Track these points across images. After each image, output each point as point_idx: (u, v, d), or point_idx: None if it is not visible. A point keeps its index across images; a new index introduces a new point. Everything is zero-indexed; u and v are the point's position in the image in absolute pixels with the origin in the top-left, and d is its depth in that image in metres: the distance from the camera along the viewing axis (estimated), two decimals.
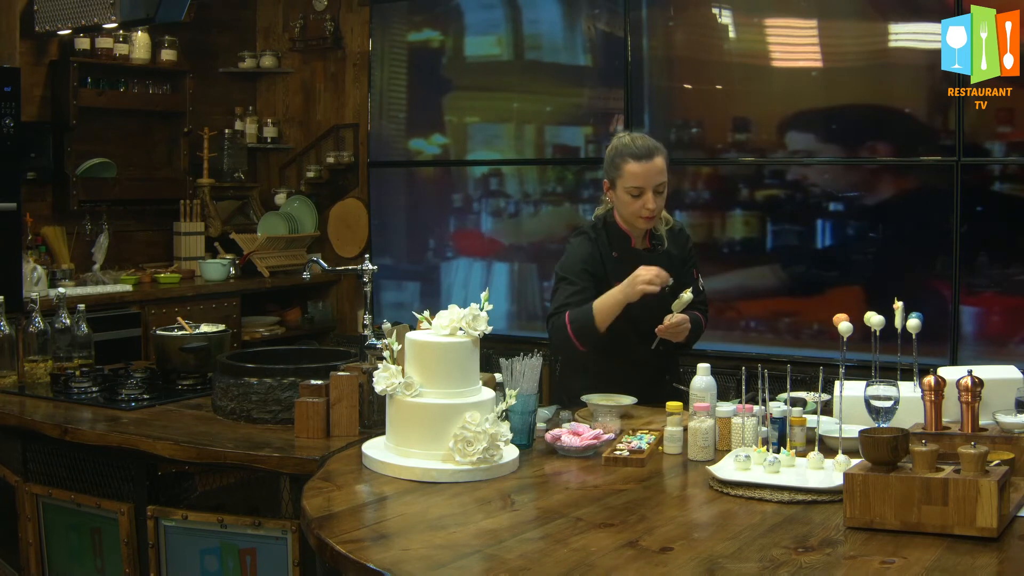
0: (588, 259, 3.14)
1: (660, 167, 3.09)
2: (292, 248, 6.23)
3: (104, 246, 5.56)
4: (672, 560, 1.81)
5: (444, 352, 2.39)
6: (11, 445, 3.06)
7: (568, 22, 5.47)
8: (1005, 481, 1.90)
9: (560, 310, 3.07)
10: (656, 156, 3.09)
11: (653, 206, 3.09)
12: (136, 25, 5.32)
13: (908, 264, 4.69)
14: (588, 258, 3.15)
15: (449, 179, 5.89)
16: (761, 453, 2.29)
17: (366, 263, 3.18)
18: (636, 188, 3.08)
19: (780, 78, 4.94)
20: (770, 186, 4.98)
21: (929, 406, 2.27)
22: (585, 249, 3.17)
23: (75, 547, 2.95)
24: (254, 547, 2.62)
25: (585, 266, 3.13)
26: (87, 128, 5.51)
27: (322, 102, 6.42)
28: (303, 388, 2.72)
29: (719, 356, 4.58)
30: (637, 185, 3.07)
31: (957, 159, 4.53)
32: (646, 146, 3.10)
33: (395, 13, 5.99)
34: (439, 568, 1.79)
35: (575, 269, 3.13)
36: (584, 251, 3.16)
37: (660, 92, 5.23)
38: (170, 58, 5.81)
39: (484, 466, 2.32)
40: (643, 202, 3.08)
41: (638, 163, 3.07)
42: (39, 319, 3.37)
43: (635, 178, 3.07)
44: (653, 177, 3.08)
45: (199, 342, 3.30)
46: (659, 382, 3.18)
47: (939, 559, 1.78)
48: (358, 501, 2.20)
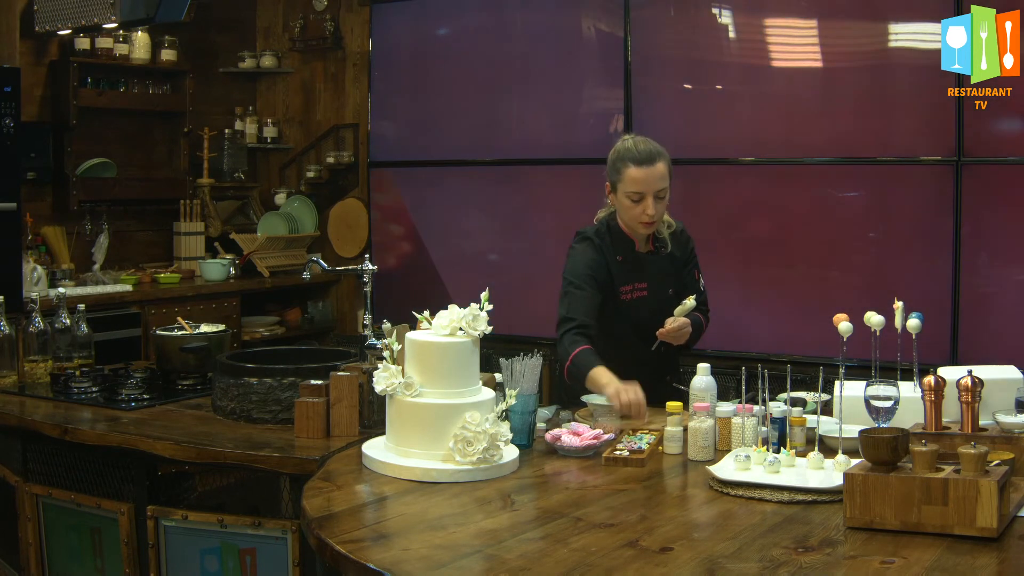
0: (593, 264, 3.14)
1: (661, 173, 3.08)
2: (292, 248, 6.23)
3: (104, 246, 5.56)
4: (672, 560, 1.81)
5: (444, 352, 2.39)
6: (11, 445, 3.06)
7: (568, 22, 5.47)
8: (1005, 481, 1.90)
9: (570, 318, 3.05)
10: (658, 161, 3.08)
11: (653, 211, 3.08)
12: (136, 25, 5.32)
13: (908, 264, 4.69)
14: (593, 264, 3.14)
15: (449, 179, 5.89)
16: (761, 453, 2.29)
17: (366, 263, 3.18)
18: (636, 193, 3.07)
19: (780, 78, 4.94)
20: (770, 186, 4.97)
21: (929, 406, 2.27)
22: (590, 255, 3.16)
23: (75, 547, 2.95)
24: (254, 547, 2.62)
25: (591, 271, 3.12)
26: (87, 128, 5.51)
27: (322, 102, 6.43)
28: (303, 388, 2.72)
29: (719, 356, 4.59)
30: (637, 190, 3.06)
31: (957, 159, 4.53)
32: (648, 151, 3.08)
33: (395, 13, 5.99)
34: (439, 568, 1.79)
35: (582, 275, 3.12)
36: (588, 257, 3.16)
37: (660, 92, 5.23)
38: (170, 58, 5.81)
39: (484, 466, 2.32)
40: (643, 207, 3.08)
41: (639, 168, 3.06)
42: (39, 319, 3.37)
43: (635, 183, 3.06)
44: (654, 183, 3.06)
45: (199, 342, 3.30)
46: (659, 382, 3.18)
47: (939, 559, 1.78)
48: (358, 501, 2.20)
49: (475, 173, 5.80)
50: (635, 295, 3.18)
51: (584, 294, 3.08)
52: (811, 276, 4.91)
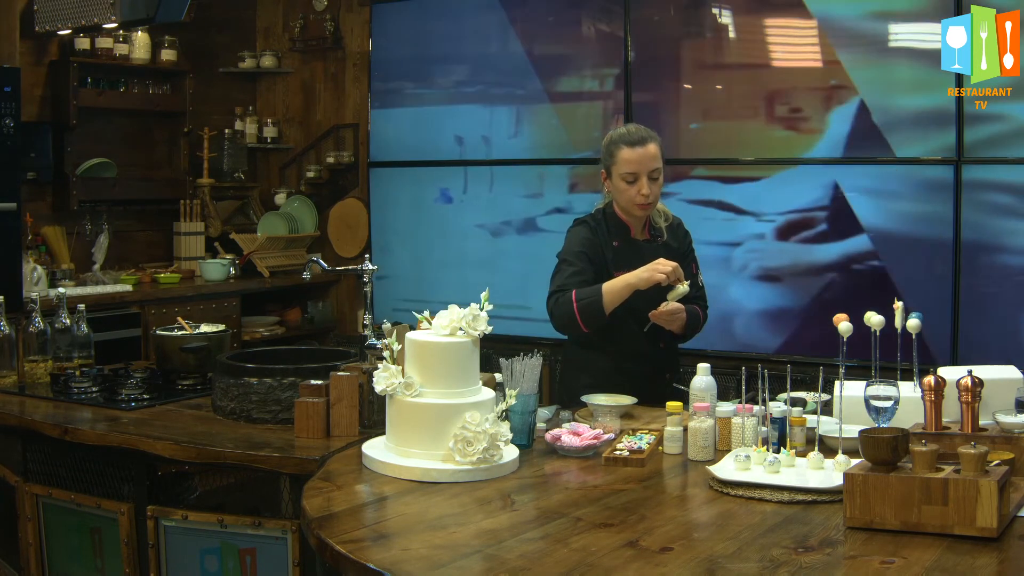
0: (587, 243, 3.18)
1: (654, 153, 3.13)
2: (292, 248, 6.23)
3: (104, 246, 5.56)
4: (672, 560, 1.81)
5: (444, 352, 2.39)
6: (11, 445, 3.06)
7: (568, 22, 5.47)
8: (1005, 481, 1.90)
9: (562, 288, 3.08)
10: (650, 143, 3.14)
11: (648, 191, 3.12)
12: (136, 25, 5.31)
13: (908, 264, 4.69)
14: (587, 243, 3.18)
15: (449, 179, 5.88)
16: (761, 453, 2.29)
17: (366, 263, 3.18)
18: (630, 174, 3.11)
19: (780, 78, 4.94)
20: (770, 186, 4.97)
21: (929, 406, 2.27)
22: (584, 235, 3.21)
23: (75, 547, 2.95)
24: (254, 547, 2.62)
25: (584, 249, 3.16)
26: (87, 128, 5.50)
27: (322, 102, 6.43)
28: (303, 388, 2.72)
29: (719, 356, 4.59)
30: (631, 171, 3.11)
31: (957, 159, 4.54)
32: (639, 133, 3.16)
33: (395, 13, 5.99)
34: (439, 568, 1.79)
35: (574, 251, 3.17)
36: (583, 236, 3.20)
37: (660, 92, 5.23)
38: (170, 58, 5.81)
39: (484, 466, 2.32)
40: (638, 188, 3.12)
41: (631, 149, 3.11)
42: (39, 319, 3.37)
43: (629, 164, 3.11)
44: (647, 163, 3.11)
45: (199, 342, 3.30)
46: (659, 382, 3.19)
47: (939, 559, 1.78)
48: (358, 501, 2.20)
49: (475, 173, 5.80)
50: None
51: (575, 269, 3.12)
52: (811, 276, 4.91)
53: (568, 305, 3.04)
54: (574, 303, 3.02)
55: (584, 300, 3.02)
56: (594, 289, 3.03)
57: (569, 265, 3.14)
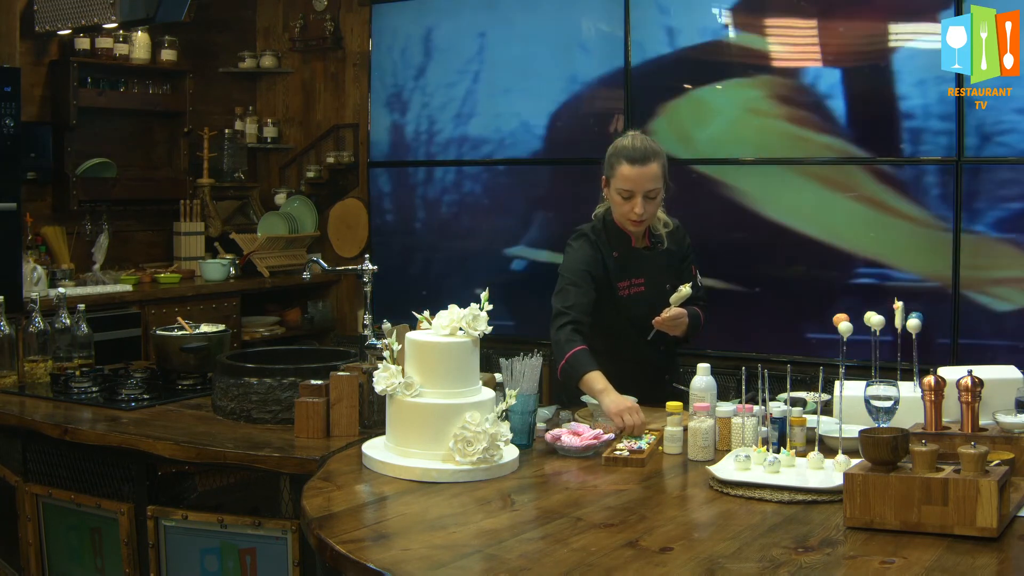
0: (590, 261, 3.14)
1: (654, 174, 3.07)
2: (292, 248, 6.23)
3: (104, 246, 5.56)
4: (672, 560, 1.81)
5: (444, 352, 2.39)
6: (11, 445, 3.07)
7: (568, 22, 5.46)
8: (1005, 481, 1.90)
9: (565, 312, 3.03)
10: (651, 162, 3.07)
11: (640, 211, 3.07)
12: (136, 25, 5.32)
13: (908, 264, 4.69)
14: (589, 260, 3.14)
15: (449, 179, 5.88)
16: (761, 453, 2.29)
17: (366, 263, 3.18)
18: (627, 191, 3.07)
19: (780, 78, 4.94)
20: (770, 185, 4.97)
21: (929, 406, 2.27)
22: (586, 251, 3.16)
23: (75, 547, 2.95)
24: (254, 547, 2.62)
25: (587, 268, 3.13)
26: (87, 128, 5.51)
27: (322, 102, 6.42)
28: (303, 388, 2.72)
29: (719, 356, 4.58)
30: (628, 188, 3.07)
31: (957, 159, 4.53)
32: (643, 150, 3.08)
33: (395, 13, 5.98)
34: (439, 568, 1.79)
35: (578, 271, 3.13)
36: (585, 253, 3.16)
37: (660, 92, 5.22)
38: (170, 58, 5.81)
39: (484, 466, 2.32)
40: (631, 205, 3.07)
41: (631, 166, 3.06)
42: (39, 319, 3.37)
43: (626, 181, 3.07)
44: (644, 183, 3.06)
45: (199, 342, 3.30)
46: (659, 382, 3.18)
47: (939, 559, 1.78)
48: (358, 501, 2.20)
49: (474, 173, 5.80)
50: (632, 291, 3.19)
51: (579, 290, 3.08)
52: (811, 276, 4.91)
53: (559, 352, 2.97)
54: (563, 359, 2.95)
55: (569, 368, 2.93)
56: (582, 368, 2.88)
57: (572, 285, 3.09)
